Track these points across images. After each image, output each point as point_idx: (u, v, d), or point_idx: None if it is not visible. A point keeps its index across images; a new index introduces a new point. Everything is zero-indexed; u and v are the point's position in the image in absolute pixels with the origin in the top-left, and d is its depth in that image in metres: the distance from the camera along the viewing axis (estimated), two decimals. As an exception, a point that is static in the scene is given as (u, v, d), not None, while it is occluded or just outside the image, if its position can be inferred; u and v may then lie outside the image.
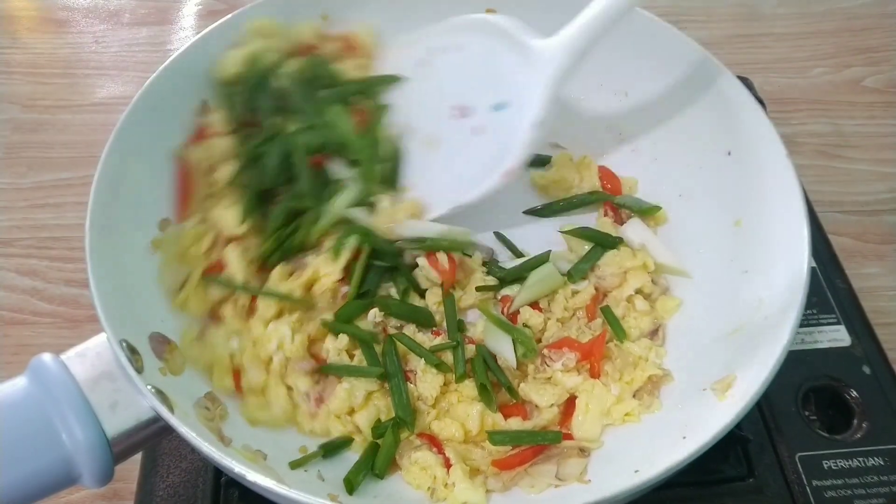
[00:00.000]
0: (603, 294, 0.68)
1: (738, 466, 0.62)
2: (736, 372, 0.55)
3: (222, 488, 0.61)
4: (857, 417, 0.65)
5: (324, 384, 0.61)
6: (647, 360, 0.63)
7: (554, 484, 0.56)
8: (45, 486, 0.49)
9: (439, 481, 0.56)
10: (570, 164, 0.77)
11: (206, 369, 0.60)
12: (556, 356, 0.62)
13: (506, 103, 0.67)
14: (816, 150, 0.96)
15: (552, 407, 0.60)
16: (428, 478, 0.56)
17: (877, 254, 0.86)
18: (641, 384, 0.61)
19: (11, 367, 0.75)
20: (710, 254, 0.67)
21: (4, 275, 0.83)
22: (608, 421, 0.60)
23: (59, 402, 0.49)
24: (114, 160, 0.60)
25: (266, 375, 0.61)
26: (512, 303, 0.66)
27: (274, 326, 0.61)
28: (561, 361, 0.62)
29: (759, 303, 0.58)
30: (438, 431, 0.59)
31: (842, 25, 1.11)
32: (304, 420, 0.60)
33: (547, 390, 0.61)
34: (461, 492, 0.54)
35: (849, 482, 0.62)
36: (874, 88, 1.03)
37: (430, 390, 0.60)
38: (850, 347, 0.69)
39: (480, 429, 0.59)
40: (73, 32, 1.10)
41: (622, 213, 0.73)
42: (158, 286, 0.61)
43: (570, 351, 0.62)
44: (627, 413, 0.60)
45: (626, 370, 0.62)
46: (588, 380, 0.62)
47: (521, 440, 0.58)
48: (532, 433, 0.59)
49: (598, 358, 0.62)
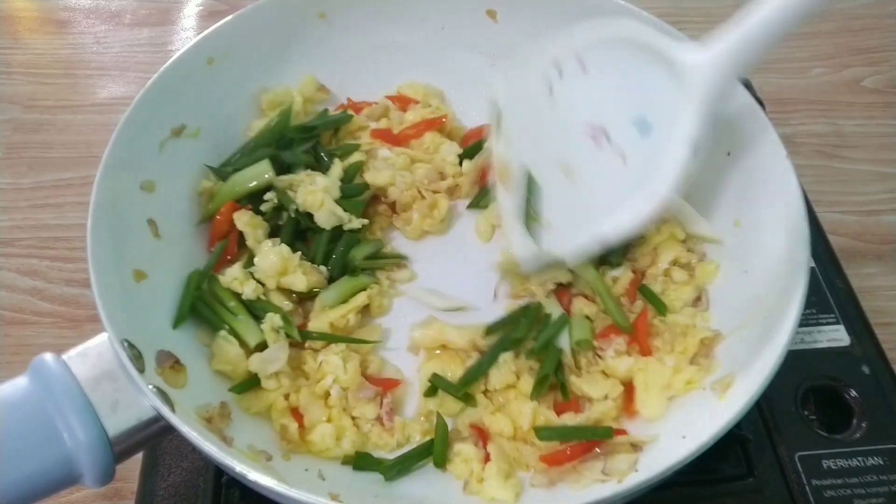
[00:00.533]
0: (641, 274, 0.68)
1: (738, 466, 0.62)
2: (735, 372, 0.55)
3: (223, 488, 0.61)
4: (856, 417, 0.65)
5: (390, 396, 0.61)
6: (695, 327, 0.62)
7: (600, 479, 0.55)
8: (46, 485, 0.49)
9: (475, 475, 0.56)
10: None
11: (264, 415, 0.60)
12: (605, 345, 0.63)
13: (651, 126, 0.57)
14: (816, 150, 0.96)
15: (606, 400, 0.60)
16: (466, 470, 0.57)
17: (876, 254, 0.86)
18: (695, 350, 0.61)
19: (13, 366, 0.75)
20: (709, 254, 0.67)
21: (5, 275, 0.83)
22: (672, 393, 0.59)
23: (61, 402, 0.49)
24: (115, 160, 0.60)
25: (328, 410, 0.60)
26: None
27: (324, 358, 0.61)
28: (612, 348, 0.62)
29: (758, 303, 0.58)
30: (490, 425, 0.60)
31: (841, 26, 1.11)
32: (380, 442, 0.59)
33: (600, 382, 0.61)
34: (490, 488, 0.55)
35: (848, 481, 0.62)
36: (873, 89, 1.03)
37: (500, 380, 0.60)
38: (850, 347, 0.69)
39: (531, 426, 0.59)
40: (74, 33, 1.10)
41: None
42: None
43: (618, 336, 0.63)
44: (688, 381, 0.59)
45: (676, 341, 0.62)
46: (639, 359, 0.62)
47: (569, 436, 0.57)
48: (580, 428, 0.58)
49: (643, 336, 0.62)
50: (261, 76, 0.76)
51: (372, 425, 0.60)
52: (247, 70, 0.74)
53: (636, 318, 0.64)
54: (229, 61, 0.72)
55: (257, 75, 0.76)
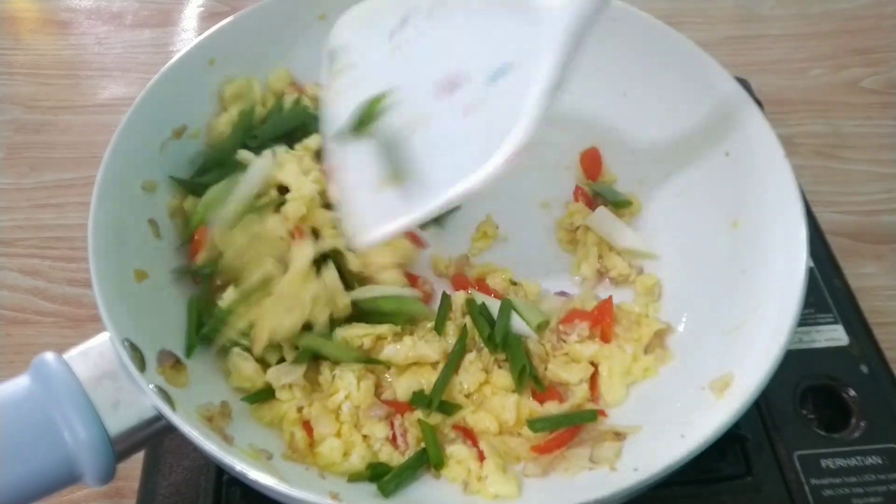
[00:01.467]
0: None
1: (737, 465, 0.63)
2: (734, 371, 0.55)
3: (224, 487, 0.61)
4: (854, 416, 0.65)
5: (401, 419, 0.60)
6: (648, 316, 0.66)
7: (588, 467, 0.56)
8: (46, 484, 0.49)
9: (473, 475, 0.57)
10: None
11: (274, 424, 0.60)
12: (569, 329, 0.64)
13: (506, 69, 0.53)
14: (814, 150, 0.97)
15: (582, 384, 0.62)
16: (463, 471, 0.57)
17: (874, 254, 0.86)
18: (649, 339, 0.64)
19: (14, 366, 0.76)
20: (708, 254, 0.67)
21: (7, 274, 0.84)
22: (631, 379, 0.62)
23: (62, 401, 0.49)
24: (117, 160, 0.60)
25: (338, 425, 0.59)
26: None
27: (339, 373, 0.61)
28: (576, 332, 0.64)
29: (756, 303, 0.58)
30: (474, 424, 0.60)
31: (840, 26, 1.11)
32: (391, 460, 0.59)
33: (573, 367, 0.63)
34: (493, 484, 0.55)
35: (847, 481, 0.62)
36: (872, 89, 1.04)
37: (472, 381, 0.61)
38: (848, 347, 0.70)
39: (517, 419, 0.60)
40: (75, 34, 1.10)
41: (597, 199, 0.75)
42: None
43: (581, 321, 0.65)
44: (646, 368, 0.63)
45: (632, 329, 0.64)
46: (603, 346, 0.64)
47: (560, 423, 0.59)
48: (570, 415, 0.59)
49: (609, 322, 0.64)
50: (262, 77, 0.76)
51: (382, 444, 0.59)
52: (248, 71, 0.74)
53: (601, 304, 0.66)
54: (230, 62, 0.72)
55: (258, 76, 0.76)
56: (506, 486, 0.55)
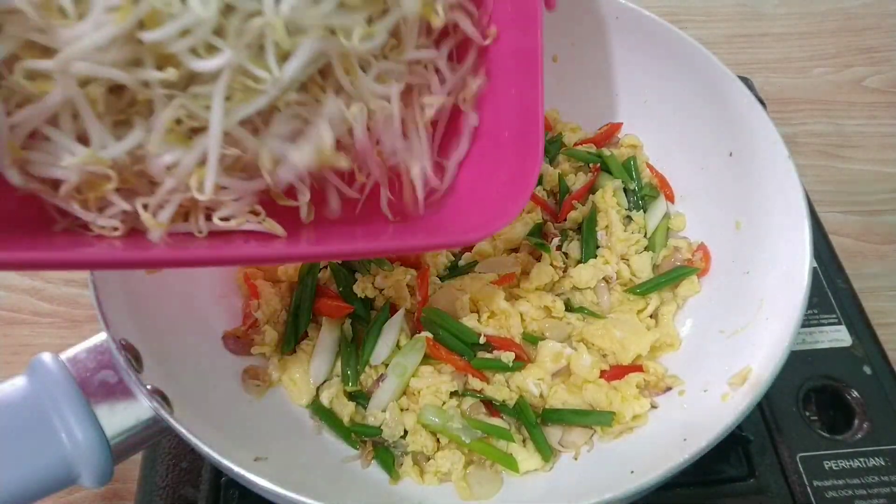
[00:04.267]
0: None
1: (739, 467, 0.62)
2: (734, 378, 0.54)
3: (222, 488, 0.61)
4: (857, 418, 0.65)
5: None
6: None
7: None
8: (44, 485, 0.49)
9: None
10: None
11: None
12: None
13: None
14: (817, 150, 0.96)
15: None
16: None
17: (878, 254, 0.86)
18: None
19: (11, 366, 0.75)
20: (712, 254, 0.67)
21: (4, 275, 0.83)
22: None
23: (59, 402, 0.49)
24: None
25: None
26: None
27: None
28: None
29: (760, 303, 0.58)
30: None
31: (843, 25, 1.11)
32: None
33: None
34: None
35: (850, 482, 0.62)
36: (875, 88, 1.03)
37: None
38: (851, 348, 0.69)
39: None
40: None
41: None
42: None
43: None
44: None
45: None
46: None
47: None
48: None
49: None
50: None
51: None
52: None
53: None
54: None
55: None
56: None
